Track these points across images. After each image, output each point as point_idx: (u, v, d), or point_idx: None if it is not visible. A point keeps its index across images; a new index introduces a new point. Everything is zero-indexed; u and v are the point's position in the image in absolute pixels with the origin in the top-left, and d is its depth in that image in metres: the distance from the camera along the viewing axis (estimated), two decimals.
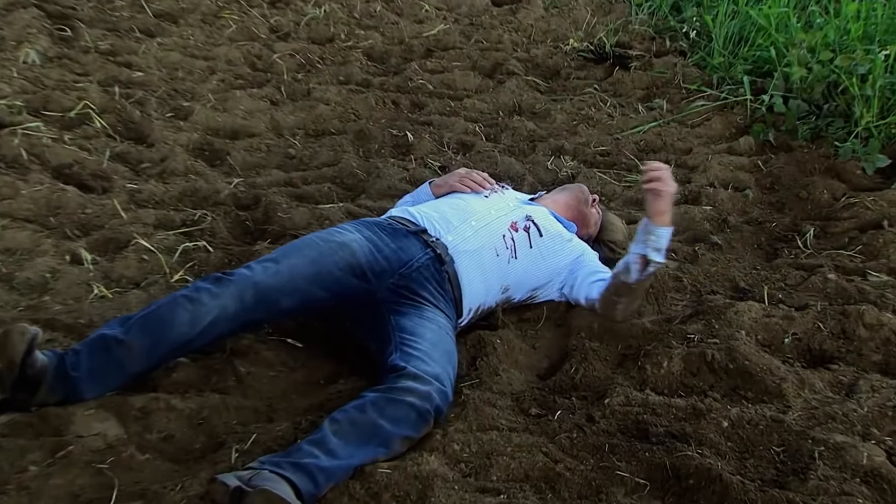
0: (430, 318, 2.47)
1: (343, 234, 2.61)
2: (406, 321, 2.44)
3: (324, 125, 4.46)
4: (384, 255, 2.57)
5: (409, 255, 2.60)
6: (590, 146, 4.43)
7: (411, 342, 2.35)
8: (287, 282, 2.40)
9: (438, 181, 3.09)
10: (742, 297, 2.97)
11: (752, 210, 3.82)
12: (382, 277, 2.54)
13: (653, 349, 2.57)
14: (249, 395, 2.36)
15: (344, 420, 2.07)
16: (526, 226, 2.84)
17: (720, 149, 4.39)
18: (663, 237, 2.57)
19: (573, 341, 2.70)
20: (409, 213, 2.83)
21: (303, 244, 2.55)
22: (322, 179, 3.81)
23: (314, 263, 2.46)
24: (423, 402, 2.16)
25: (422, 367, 2.25)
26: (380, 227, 2.69)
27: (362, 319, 2.57)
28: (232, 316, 2.31)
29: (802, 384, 2.42)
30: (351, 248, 2.54)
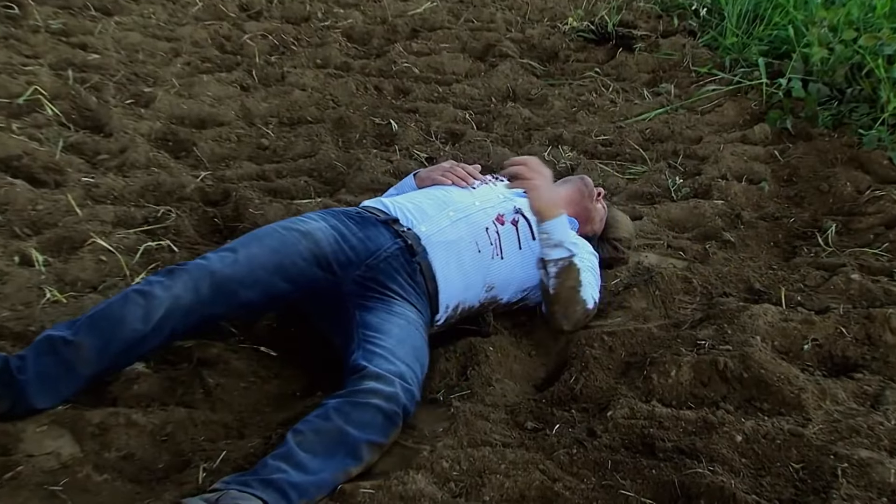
0: (397, 314, 2.48)
1: (307, 222, 2.62)
2: (371, 317, 2.45)
3: (299, 113, 4.46)
4: (350, 245, 2.59)
5: (377, 245, 2.62)
6: (590, 135, 4.44)
7: (374, 339, 2.36)
8: (246, 272, 2.41)
9: (423, 173, 3.11)
10: (757, 300, 2.98)
11: (768, 204, 3.83)
12: (348, 269, 2.55)
13: (660, 357, 2.57)
14: (218, 409, 2.36)
15: (308, 430, 2.08)
16: (514, 219, 2.85)
17: (733, 137, 4.40)
18: (554, 230, 2.68)
19: (573, 348, 2.70)
20: (381, 202, 2.85)
21: (263, 233, 2.56)
22: (298, 172, 3.81)
23: (276, 253, 2.48)
24: (389, 403, 2.17)
25: (384, 367, 2.26)
26: (347, 216, 2.71)
27: (327, 314, 2.58)
28: (187, 308, 2.31)
29: (823, 395, 2.43)
30: (315, 238, 2.55)
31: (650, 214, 3.64)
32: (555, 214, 2.70)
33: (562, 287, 2.70)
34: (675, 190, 3.89)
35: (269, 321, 2.77)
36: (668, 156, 4.28)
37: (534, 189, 2.71)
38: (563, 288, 2.71)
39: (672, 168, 4.13)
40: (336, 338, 2.54)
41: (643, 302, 2.96)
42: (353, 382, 2.21)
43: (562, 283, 2.70)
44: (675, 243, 3.42)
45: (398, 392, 2.21)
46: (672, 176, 4.00)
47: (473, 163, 3.38)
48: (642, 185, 3.94)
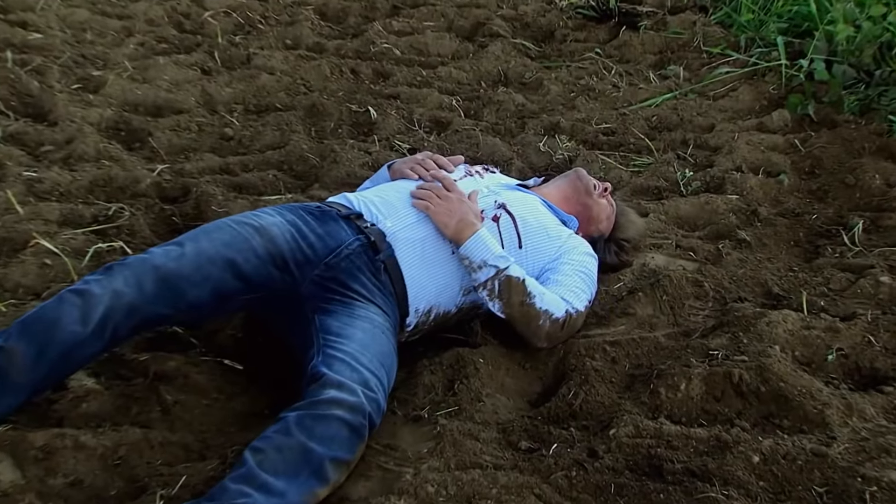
0: (360, 316, 2.49)
1: (261, 217, 2.63)
2: (332, 321, 2.45)
3: (267, 99, 4.45)
4: (308, 243, 2.60)
5: (337, 242, 2.63)
6: (590, 123, 4.44)
7: (335, 344, 2.36)
8: (194, 268, 2.40)
9: (397, 164, 3.13)
10: (776, 305, 2.99)
11: (788, 199, 3.85)
12: (306, 268, 2.56)
13: (668, 369, 2.58)
14: (177, 429, 2.35)
15: (269, 448, 2.08)
16: (495, 215, 2.86)
17: (749, 125, 4.42)
18: (472, 252, 2.69)
19: (571, 360, 2.71)
20: (345, 198, 2.87)
21: (213, 227, 2.57)
22: (266, 165, 3.81)
23: (227, 247, 2.48)
24: (353, 415, 2.17)
25: (346, 374, 2.26)
26: (305, 211, 2.72)
27: (285, 318, 2.58)
28: (129, 307, 2.29)
29: (850, 410, 2.43)
30: (270, 234, 2.56)
31: (657, 211, 3.65)
32: (467, 235, 2.70)
33: (510, 306, 2.70)
34: (684, 184, 3.90)
35: (233, 331, 2.77)
36: (676, 146, 4.29)
37: (433, 214, 2.74)
38: (511, 307, 2.70)
39: (681, 159, 4.14)
40: (295, 344, 2.54)
41: (649, 308, 2.97)
42: (313, 392, 2.21)
43: (507, 301, 2.69)
44: (685, 243, 3.43)
45: (362, 402, 2.21)
46: (681, 168, 4.01)
47: (459, 154, 3.38)
48: (648, 179, 3.95)
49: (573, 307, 2.78)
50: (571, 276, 2.83)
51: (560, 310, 2.74)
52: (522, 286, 2.69)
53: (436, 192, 2.80)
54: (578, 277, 2.85)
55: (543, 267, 2.90)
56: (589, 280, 2.90)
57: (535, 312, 2.70)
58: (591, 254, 2.99)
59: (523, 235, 2.87)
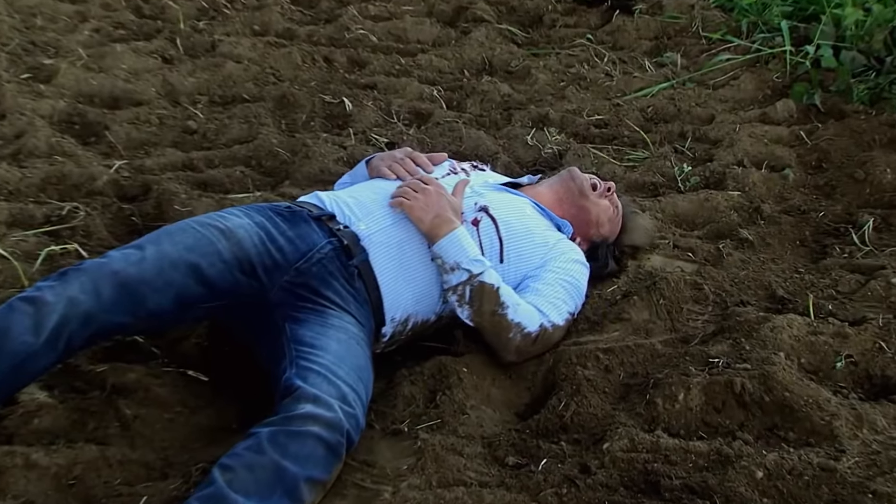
0: (334, 326, 2.49)
1: (228, 219, 2.62)
2: (305, 331, 2.45)
3: (234, 90, 4.45)
4: (278, 246, 2.59)
5: (308, 245, 2.63)
6: (582, 115, 4.45)
7: (310, 356, 2.36)
8: (155, 273, 2.39)
9: (376, 160, 3.12)
10: (780, 309, 3.00)
11: (793, 196, 3.86)
12: (275, 274, 2.56)
13: (665, 378, 2.59)
14: (138, 446, 2.35)
15: (239, 466, 2.07)
16: (476, 218, 2.86)
17: (751, 116, 4.43)
18: (446, 251, 2.68)
19: (562, 369, 2.70)
20: (317, 197, 2.86)
21: (176, 229, 2.56)
22: (232, 161, 3.80)
23: (190, 251, 2.46)
24: (331, 432, 2.17)
25: (323, 387, 2.26)
26: (274, 212, 2.71)
27: (253, 328, 2.58)
28: (85, 315, 2.28)
29: (860, 422, 2.44)
30: (237, 237, 2.55)
31: (653, 209, 3.65)
32: (442, 232, 2.69)
33: (480, 315, 2.69)
34: (682, 179, 3.91)
35: (198, 339, 2.76)
36: (673, 139, 4.30)
37: (408, 208, 2.73)
38: (481, 315, 2.69)
39: (679, 153, 4.15)
40: (264, 354, 2.54)
41: (645, 313, 2.97)
42: (287, 406, 2.21)
43: (477, 309, 2.69)
44: (683, 243, 3.43)
45: (340, 418, 2.20)
46: (679, 163, 4.02)
47: (441, 150, 3.37)
48: (643, 174, 3.96)
49: (549, 321, 2.77)
50: (553, 285, 2.83)
51: (534, 324, 2.73)
52: (496, 295, 2.68)
53: (412, 185, 2.79)
54: (561, 287, 2.85)
55: (526, 274, 2.90)
56: (573, 290, 2.90)
57: (507, 324, 2.69)
58: (580, 261, 2.98)
59: (506, 241, 2.86)
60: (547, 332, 2.75)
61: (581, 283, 2.94)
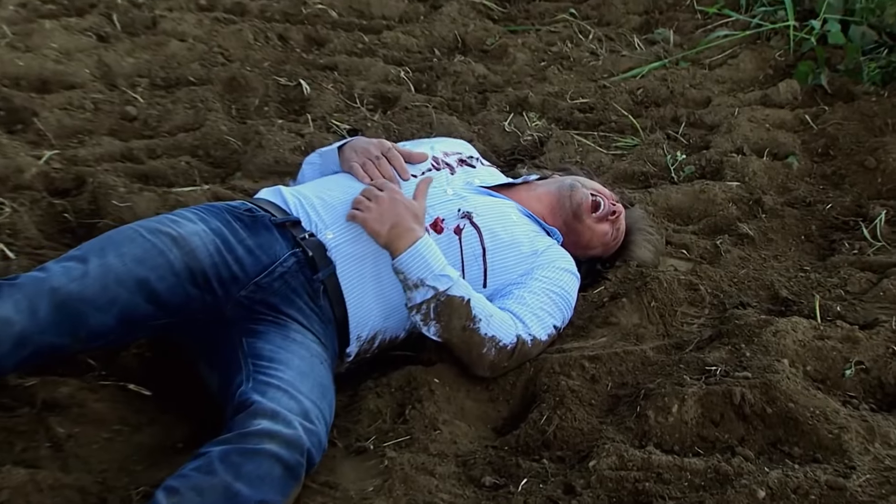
0: (297, 341, 2.48)
1: (180, 224, 2.57)
2: (263, 344, 2.44)
3: (178, 71, 4.44)
4: (236, 257, 2.56)
5: (270, 257, 2.60)
6: (565, 98, 4.46)
7: (269, 370, 2.35)
8: (99, 290, 2.36)
9: (348, 150, 3.03)
10: (784, 312, 3.02)
11: (798, 186, 3.88)
12: (232, 287, 2.53)
13: (657, 388, 2.59)
14: (72, 468, 2.34)
15: (186, 489, 2.06)
16: (458, 226, 2.83)
17: (751, 98, 4.45)
18: (408, 266, 2.62)
19: (543, 379, 2.71)
20: (280, 194, 2.82)
21: (122, 237, 2.51)
22: (177, 151, 3.79)
23: (139, 264, 2.42)
24: (290, 451, 2.16)
25: (283, 402, 2.24)
26: (233, 216, 2.67)
27: (203, 342, 2.56)
28: (18, 337, 2.26)
29: (871, 435, 2.45)
30: (190, 246, 2.51)
31: (644, 201, 3.66)
32: (402, 245, 2.63)
33: (448, 331, 2.66)
34: (675, 168, 3.93)
35: (139, 349, 2.75)
36: (666, 124, 4.32)
37: (361, 221, 2.67)
38: (450, 332, 2.66)
39: (672, 140, 4.17)
40: (216, 373, 2.52)
41: (635, 316, 2.98)
42: (242, 422, 2.19)
43: (446, 325, 2.65)
44: (677, 238, 3.45)
45: (300, 435, 2.19)
46: (672, 150, 4.04)
47: (410, 138, 3.33)
48: (633, 163, 3.97)
49: (530, 333, 2.76)
50: (539, 294, 2.83)
51: (509, 335, 2.71)
52: (466, 308, 2.64)
53: (366, 193, 2.74)
54: (547, 297, 2.84)
55: (508, 281, 2.89)
56: (561, 302, 2.89)
57: (479, 339, 2.67)
58: (570, 271, 2.97)
59: (490, 252, 2.85)
60: (525, 345, 2.74)
61: (570, 294, 2.93)
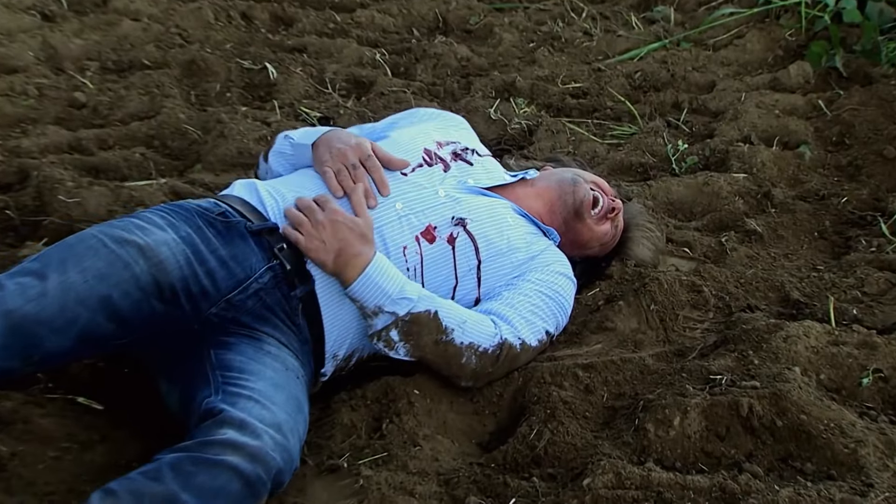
0: (271, 353, 2.47)
1: (147, 231, 2.49)
2: (233, 356, 2.42)
3: (131, 54, 4.43)
4: (208, 269, 2.50)
5: (245, 271, 2.55)
6: (556, 82, 4.47)
7: (240, 381, 2.33)
8: (56, 311, 2.30)
9: (322, 149, 2.91)
10: (795, 315, 3.03)
11: (811, 178, 3.90)
12: (202, 303, 2.48)
13: (657, 399, 2.60)
14: (16, 490, 2.33)
15: (124, 493, 2.05)
16: (451, 235, 2.80)
17: (759, 82, 4.46)
18: (363, 294, 2.59)
19: (533, 389, 2.71)
20: (255, 191, 2.78)
21: (84, 247, 2.43)
22: (130, 141, 3.78)
23: (102, 280, 2.36)
24: (253, 465, 2.14)
25: (254, 412, 2.23)
26: (205, 221, 2.61)
27: (164, 354, 2.52)
28: None
29: (891, 449, 2.46)
30: (159, 258, 2.43)
31: (642, 195, 3.67)
32: (352, 274, 2.59)
33: (420, 349, 2.64)
34: (677, 159, 3.94)
35: (90, 359, 2.74)
36: (666, 110, 4.33)
37: (304, 250, 2.61)
38: (422, 349, 2.64)
39: (673, 128, 4.18)
40: (178, 386, 2.49)
41: (633, 321, 2.99)
42: (206, 430, 2.17)
43: (416, 344, 2.63)
44: (678, 236, 3.46)
45: (266, 449, 2.17)
46: (673, 139, 4.04)
47: None
48: (630, 153, 3.98)
49: (518, 336, 2.75)
50: (531, 297, 2.82)
51: (489, 339, 2.69)
52: (435, 322, 2.63)
53: (307, 212, 2.67)
54: (541, 300, 2.84)
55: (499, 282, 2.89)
56: (556, 307, 2.89)
57: (455, 350, 2.66)
58: (567, 275, 2.97)
59: (485, 261, 2.84)
60: (512, 350, 2.73)
61: (565, 299, 2.93)
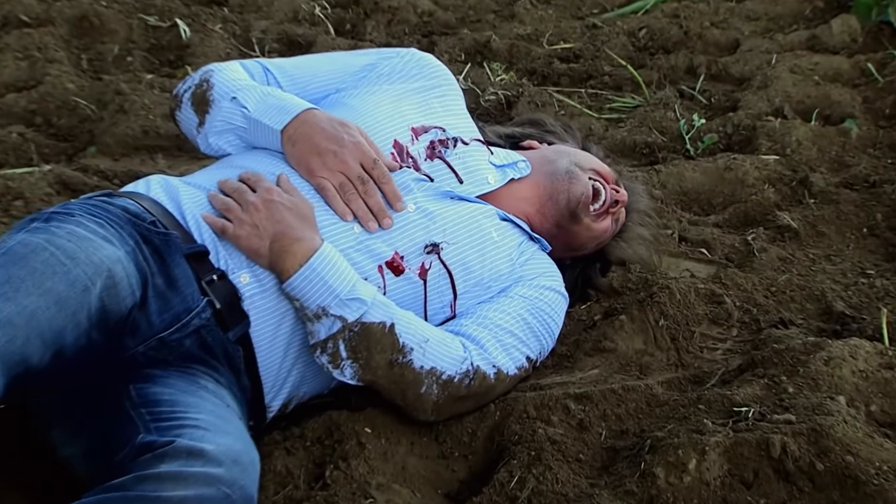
0: (208, 389, 2.46)
1: (95, 243, 2.39)
2: (160, 389, 2.40)
3: (5, 8, 4.44)
4: (144, 297, 2.45)
5: (185, 303, 2.52)
6: (540, 42, 4.49)
7: (174, 414, 2.31)
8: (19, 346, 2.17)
9: (303, 145, 2.81)
10: (840, 332, 3.06)
11: (858, 160, 3.93)
12: (126, 338, 2.45)
13: (668, 438, 2.61)
14: None
15: None
16: (423, 266, 2.80)
17: (794, 41, 4.50)
18: (301, 292, 2.58)
19: (514, 426, 2.73)
20: (175, 198, 2.72)
21: (41, 264, 2.29)
22: (5, 117, 3.79)
23: (61, 307, 2.25)
24: (212, 488, 2.13)
25: (206, 438, 2.21)
26: (140, 232, 2.55)
27: (64, 396, 2.48)
28: None
29: None
30: (114, 279, 2.35)
31: (650, 182, 3.68)
32: (292, 264, 2.57)
33: (370, 370, 2.63)
34: (692, 138, 3.95)
35: None
36: (678, 77, 4.36)
37: (232, 238, 2.61)
38: (373, 371, 2.63)
39: (686, 99, 4.20)
40: (82, 435, 2.45)
41: (638, 340, 3.01)
42: (145, 464, 2.15)
43: (365, 363, 2.61)
44: (694, 233, 3.47)
45: (225, 480, 2.16)
46: (687, 113, 4.06)
47: None
48: (634, 131, 4.00)
49: (492, 363, 2.77)
50: (510, 316, 2.85)
51: (456, 364, 2.70)
52: (390, 337, 2.61)
53: (235, 195, 2.66)
54: (522, 320, 2.87)
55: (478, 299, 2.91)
56: (541, 328, 2.92)
57: (413, 376, 2.66)
58: (556, 289, 3.01)
59: (462, 294, 2.87)
60: (485, 379, 2.74)
61: (553, 319, 2.97)
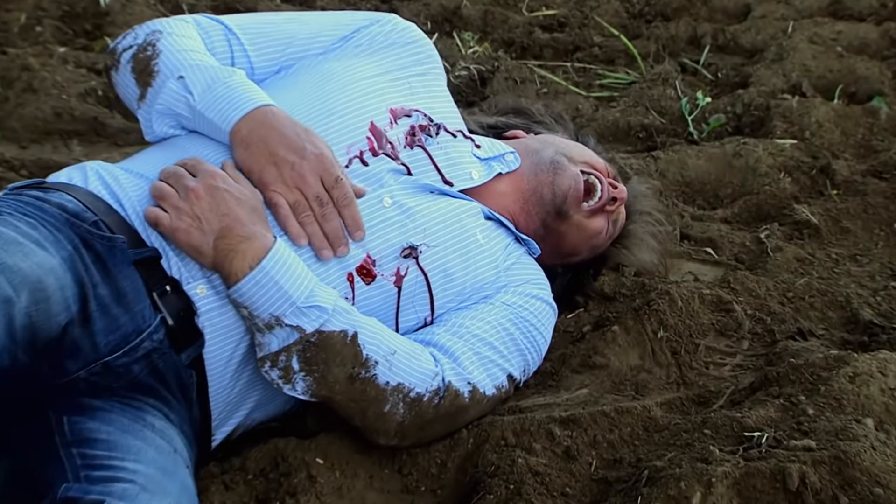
0: (154, 428, 2.46)
1: (26, 248, 2.36)
2: (97, 426, 2.40)
3: None
4: (87, 315, 2.44)
5: (136, 322, 2.51)
6: (519, 8, 4.52)
7: (109, 460, 2.31)
8: None
9: (257, 145, 2.76)
10: (866, 344, 3.10)
11: (889, 145, 3.96)
12: (67, 361, 2.43)
13: (669, 468, 2.62)
14: None
15: None
16: (398, 271, 2.82)
17: (813, 6, 4.53)
18: (250, 299, 2.56)
19: (490, 455, 2.75)
20: (105, 184, 2.73)
21: None
22: None
23: None
24: None
25: (141, 501, 2.21)
26: (80, 236, 2.52)
27: None
28: None
29: None
30: (45, 293, 2.32)
31: (647, 170, 3.70)
32: (241, 266, 2.54)
33: (326, 384, 2.62)
34: (695, 119, 3.98)
35: None
36: (679, 48, 4.39)
37: (169, 231, 2.59)
38: (329, 386, 2.62)
39: (689, 74, 4.23)
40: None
41: (634, 354, 3.05)
42: None
43: (321, 378, 2.61)
44: (698, 230, 3.50)
45: None
46: (690, 90, 4.09)
47: None
48: (628, 112, 4.02)
49: (468, 380, 2.79)
50: (492, 327, 2.88)
51: (426, 380, 2.71)
52: (352, 348, 2.61)
53: (173, 181, 2.63)
54: (504, 333, 2.89)
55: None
56: (525, 342, 2.95)
57: (376, 392, 2.66)
58: (544, 299, 3.04)
59: (440, 305, 2.90)
60: (458, 398, 2.76)
61: (540, 332, 3.00)
